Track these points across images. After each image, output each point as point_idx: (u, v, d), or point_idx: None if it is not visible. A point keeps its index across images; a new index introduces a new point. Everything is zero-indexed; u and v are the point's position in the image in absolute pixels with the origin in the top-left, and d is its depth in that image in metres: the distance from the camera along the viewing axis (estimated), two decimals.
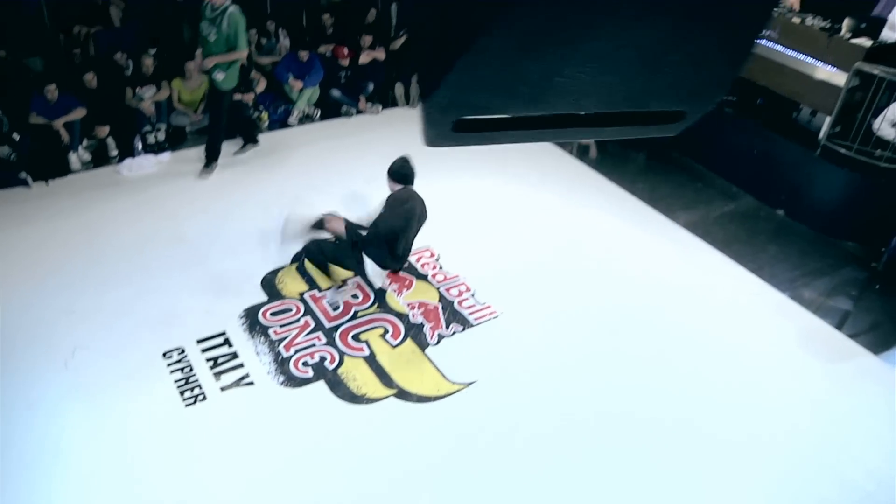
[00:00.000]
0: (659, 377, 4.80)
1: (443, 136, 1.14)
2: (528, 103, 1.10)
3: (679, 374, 4.85)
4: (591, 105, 1.16)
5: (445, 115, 1.10)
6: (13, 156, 6.25)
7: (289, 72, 7.97)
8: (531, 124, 1.20)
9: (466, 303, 5.35)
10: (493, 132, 1.20)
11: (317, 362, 4.67)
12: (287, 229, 5.22)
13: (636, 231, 6.52)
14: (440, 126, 1.12)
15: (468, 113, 1.12)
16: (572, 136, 1.28)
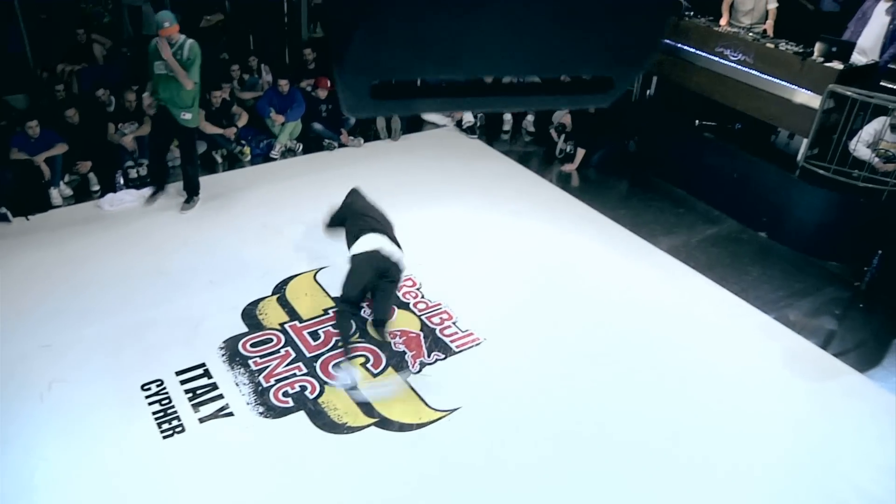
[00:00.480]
0: (645, 400, 4.77)
1: (361, 103, 1.12)
2: (442, 65, 1.07)
3: (665, 397, 4.82)
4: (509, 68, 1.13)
5: (359, 78, 1.08)
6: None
7: (270, 106, 8.02)
8: (452, 91, 1.18)
9: (448, 330, 5.33)
10: (413, 99, 1.18)
11: (297, 392, 4.61)
12: None
13: (619, 257, 6.54)
14: (357, 92, 1.10)
15: (383, 76, 1.09)
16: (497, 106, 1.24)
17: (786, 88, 6.98)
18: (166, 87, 6.20)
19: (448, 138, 9.03)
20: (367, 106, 1.13)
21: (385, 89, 1.12)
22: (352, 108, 1.15)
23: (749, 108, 7.42)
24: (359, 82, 1.08)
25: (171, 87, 6.19)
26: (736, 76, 7.44)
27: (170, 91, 6.21)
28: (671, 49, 8.14)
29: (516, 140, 9.24)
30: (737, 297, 6.06)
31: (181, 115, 6.33)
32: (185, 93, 6.22)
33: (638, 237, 6.91)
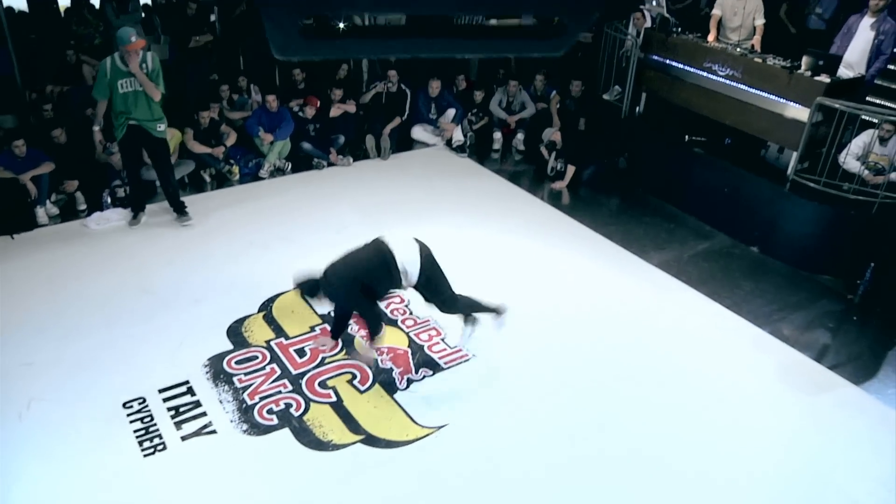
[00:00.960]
0: (637, 415, 4.69)
1: (292, 44, 1.05)
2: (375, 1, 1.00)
3: (658, 411, 4.73)
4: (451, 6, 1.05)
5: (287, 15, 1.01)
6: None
7: (259, 125, 8.01)
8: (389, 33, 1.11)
9: (437, 347, 5.25)
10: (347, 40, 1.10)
11: (282, 409, 4.53)
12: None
13: (610, 272, 6.49)
14: (286, 31, 1.03)
15: (312, 11, 1.03)
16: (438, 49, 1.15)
17: (774, 102, 6.99)
18: (135, 103, 6.17)
19: (438, 157, 9.02)
20: (296, 47, 1.05)
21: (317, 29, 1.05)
22: (281, 49, 1.08)
23: (738, 123, 7.43)
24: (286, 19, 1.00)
25: (140, 102, 6.18)
26: (724, 91, 7.46)
27: (140, 107, 6.18)
28: (659, 65, 8.18)
29: (506, 159, 9.23)
30: (729, 311, 6.00)
31: (157, 128, 6.32)
32: (154, 105, 6.23)
33: (629, 252, 6.87)
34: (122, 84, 6.11)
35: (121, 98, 6.14)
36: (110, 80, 6.09)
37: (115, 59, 6.10)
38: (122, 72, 6.09)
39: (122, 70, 6.09)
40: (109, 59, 6.12)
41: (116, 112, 6.21)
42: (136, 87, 6.13)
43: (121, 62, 6.09)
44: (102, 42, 9.02)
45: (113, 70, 6.09)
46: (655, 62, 8.24)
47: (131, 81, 6.10)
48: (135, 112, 6.19)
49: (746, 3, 7.72)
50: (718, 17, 7.94)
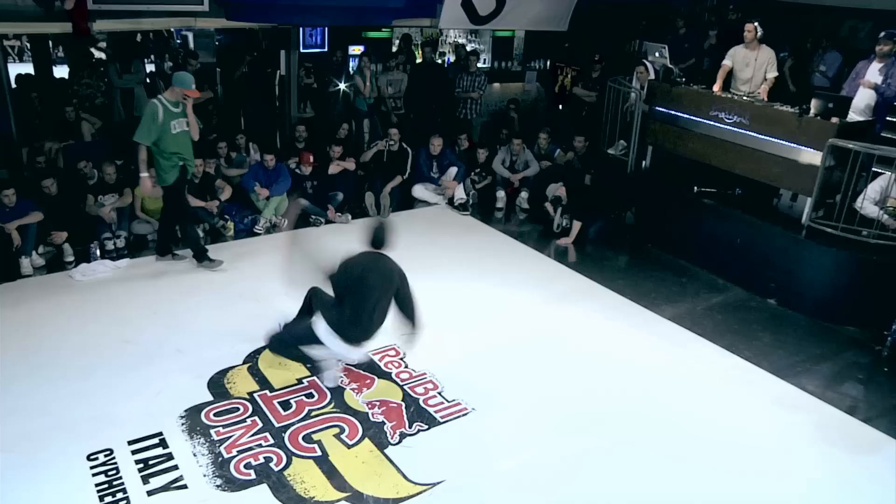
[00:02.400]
0: (654, 473, 4.26)
1: None
2: None
3: (679, 469, 4.30)
4: None
5: None
6: None
7: (255, 180, 7.84)
8: None
9: (433, 400, 4.87)
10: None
11: (261, 464, 4.13)
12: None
13: (619, 325, 6.13)
14: None
15: None
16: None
17: (785, 147, 6.78)
18: (184, 144, 6.32)
19: (439, 215, 8.80)
20: None
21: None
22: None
23: (748, 171, 7.19)
24: None
25: (186, 143, 6.33)
26: (732, 139, 7.26)
27: (187, 146, 6.35)
28: (665, 117, 8.02)
29: (510, 217, 8.98)
30: (749, 364, 5.62)
31: (193, 168, 6.56)
32: (191, 146, 6.45)
33: (639, 306, 6.52)
34: (175, 125, 6.20)
35: (173, 139, 6.21)
36: (163, 122, 6.12)
37: (164, 102, 6.17)
38: (174, 113, 6.20)
39: (173, 112, 6.20)
40: (157, 102, 6.16)
41: (168, 153, 6.24)
42: (184, 128, 6.26)
43: (171, 104, 6.19)
44: (104, 102, 9.00)
45: (165, 112, 6.15)
46: (660, 114, 8.10)
47: (182, 122, 6.23)
48: (184, 152, 6.34)
49: (759, 55, 7.53)
50: (728, 69, 7.74)
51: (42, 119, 8.40)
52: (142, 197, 7.20)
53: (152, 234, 7.24)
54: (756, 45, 7.49)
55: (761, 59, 7.54)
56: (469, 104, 10.36)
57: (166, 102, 6.19)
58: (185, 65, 8.70)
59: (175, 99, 6.24)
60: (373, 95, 9.92)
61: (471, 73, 10.31)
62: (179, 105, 6.29)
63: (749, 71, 7.64)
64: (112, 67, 8.87)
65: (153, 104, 6.18)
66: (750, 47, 7.52)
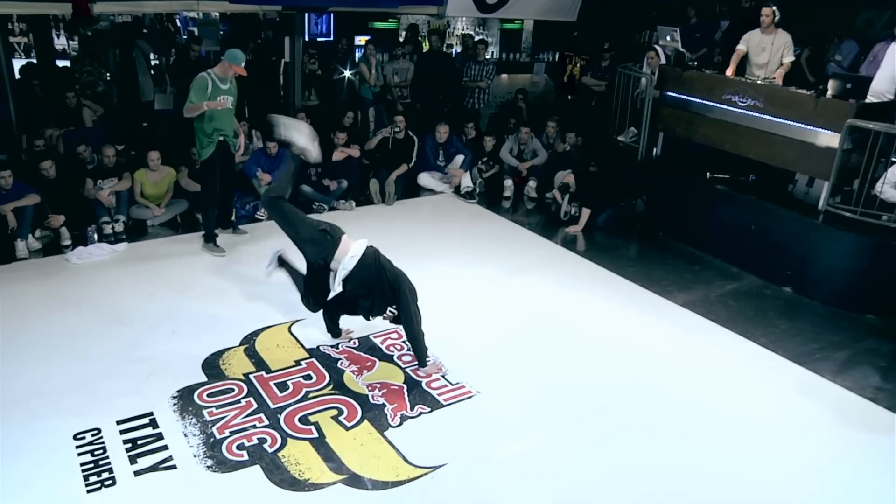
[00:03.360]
0: (667, 459, 4.05)
1: None
2: None
3: (694, 456, 4.10)
4: None
5: None
6: None
7: (257, 166, 7.68)
8: None
9: (436, 383, 4.69)
10: None
11: (254, 445, 3.95)
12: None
13: (630, 311, 5.93)
14: None
15: None
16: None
17: (801, 130, 6.57)
18: (227, 121, 6.34)
19: (445, 203, 8.64)
20: None
21: None
22: None
23: (762, 155, 6.98)
24: None
25: (229, 120, 6.37)
26: (746, 123, 7.05)
27: (228, 124, 6.37)
28: (676, 102, 7.83)
29: (518, 207, 8.79)
30: (765, 350, 5.40)
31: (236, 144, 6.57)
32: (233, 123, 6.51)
33: (650, 293, 6.32)
34: (221, 100, 6.19)
35: (217, 114, 6.22)
36: (211, 94, 6.11)
37: (213, 77, 6.16)
38: (222, 89, 6.20)
39: (221, 88, 6.19)
40: (207, 75, 6.15)
41: (211, 129, 6.25)
42: (228, 106, 6.27)
43: (219, 80, 6.18)
44: (105, 90, 8.88)
45: (213, 86, 6.14)
46: (672, 99, 7.90)
47: (227, 100, 6.24)
48: (226, 128, 6.35)
49: (775, 39, 7.29)
50: (742, 53, 7.51)
51: (43, 106, 8.27)
52: (141, 181, 7.06)
53: (152, 219, 7.10)
54: (773, 30, 7.26)
55: (778, 43, 7.30)
56: (477, 94, 10.18)
57: (215, 77, 6.16)
58: (187, 51, 8.56)
59: (223, 75, 6.20)
60: (378, 84, 9.76)
61: (479, 62, 10.14)
62: (227, 82, 6.24)
63: (765, 56, 7.40)
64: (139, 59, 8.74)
65: (203, 77, 6.13)
66: (766, 31, 7.29)
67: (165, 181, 7.14)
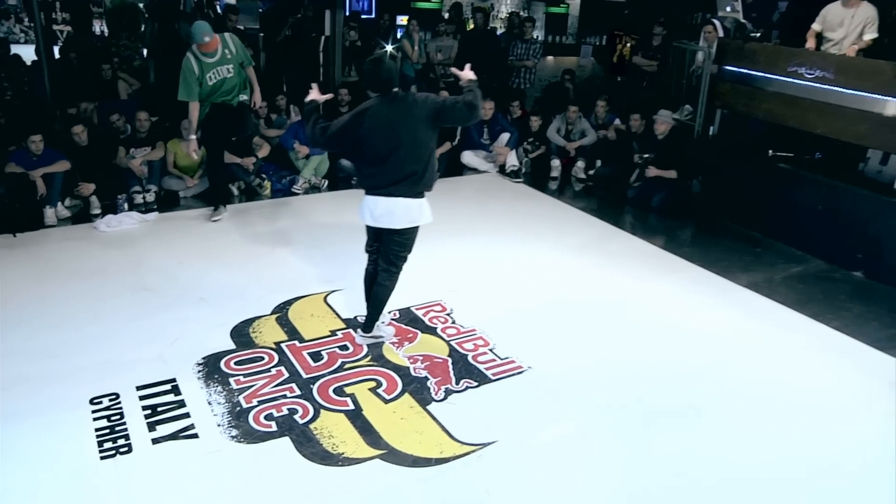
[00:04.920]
0: (727, 440, 3.64)
1: None
2: None
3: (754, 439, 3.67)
4: None
5: None
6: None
7: (295, 138, 7.40)
8: None
9: (483, 357, 4.32)
10: None
11: (284, 415, 3.63)
12: None
13: (689, 290, 5.51)
14: None
15: None
16: None
17: (875, 102, 6.03)
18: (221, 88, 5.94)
19: (490, 182, 8.26)
20: None
21: None
22: None
23: (831, 131, 6.46)
24: None
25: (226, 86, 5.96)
26: (813, 96, 6.53)
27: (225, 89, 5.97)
28: (736, 76, 7.34)
29: (565, 189, 8.36)
30: (839, 333, 4.93)
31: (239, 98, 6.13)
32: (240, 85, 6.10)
33: (710, 272, 5.87)
34: (211, 76, 5.85)
35: (209, 89, 5.88)
36: (199, 76, 5.78)
37: (196, 55, 5.77)
38: (209, 64, 5.81)
39: (209, 62, 5.80)
40: (191, 56, 5.76)
41: (205, 103, 5.94)
42: (224, 75, 5.90)
43: (205, 55, 5.79)
44: (141, 64, 8.69)
45: (200, 66, 5.77)
46: (731, 74, 7.42)
47: (221, 70, 5.88)
48: (221, 97, 5.99)
49: (857, 12, 6.58)
50: (817, 32, 6.92)
51: (79, 78, 8.09)
52: (175, 151, 6.82)
53: (184, 190, 6.86)
54: (856, 2, 6.56)
55: (859, 17, 6.57)
56: (523, 73, 9.79)
57: (200, 55, 5.77)
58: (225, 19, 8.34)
59: (207, 49, 5.77)
60: (420, 61, 9.42)
61: (525, 40, 9.74)
62: (215, 53, 5.82)
63: (842, 31, 6.73)
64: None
65: (186, 61, 5.77)
66: (848, 4, 6.65)
67: (199, 152, 6.87)
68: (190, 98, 5.79)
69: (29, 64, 8.62)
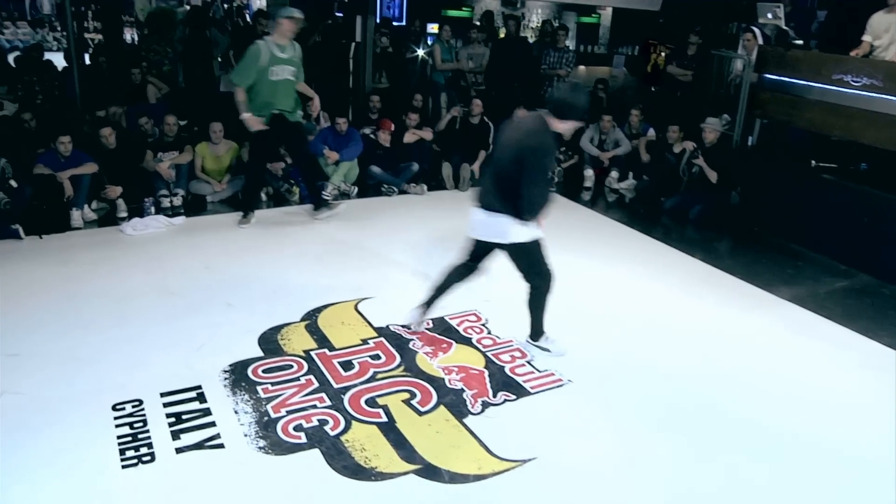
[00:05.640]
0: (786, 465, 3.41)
1: None
2: None
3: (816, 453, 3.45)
4: None
5: None
6: (7, 204, 5.55)
7: (324, 144, 7.28)
8: None
9: (521, 369, 4.13)
10: None
11: (314, 426, 3.46)
12: None
13: (733, 303, 5.27)
14: None
15: None
16: None
17: None
18: (283, 95, 5.75)
19: None
20: None
21: None
22: None
23: (879, 140, 6.21)
24: None
25: (286, 94, 5.77)
26: (859, 104, 6.30)
27: (285, 99, 5.77)
28: (777, 85, 7.12)
29: (598, 200, 8.16)
30: (892, 350, 4.67)
31: (297, 115, 5.97)
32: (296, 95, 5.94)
33: (752, 286, 5.63)
34: (276, 71, 5.60)
35: (270, 87, 5.61)
36: (265, 66, 5.54)
37: (269, 44, 5.58)
38: (280, 58, 5.61)
39: (279, 56, 5.60)
40: (262, 43, 5.57)
41: (260, 103, 5.67)
42: (286, 76, 5.69)
43: (277, 48, 5.60)
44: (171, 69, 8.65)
45: (270, 55, 5.55)
46: (772, 82, 7.20)
47: (286, 69, 5.65)
48: (281, 104, 5.76)
49: None
50: (869, 45, 6.69)
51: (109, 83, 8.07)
52: (203, 155, 6.73)
53: (212, 195, 6.75)
54: None
55: None
56: (556, 82, 9.62)
57: (273, 45, 5.57)
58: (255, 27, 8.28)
59: (282, 41, 5.60)
60: (451, 68, 9.29)
61: (558, 49, 9.57)
62: (287, 48, 5.66)
63: (887, 37, 6.54)
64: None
65: (256, 45, 5.58)
66: (892, 10, 6.43)
67: (228, 155, 6.79)
68: (241, 83, 5.58)
69: (60, 70, 8.62)
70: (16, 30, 14.80)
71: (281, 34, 5.64)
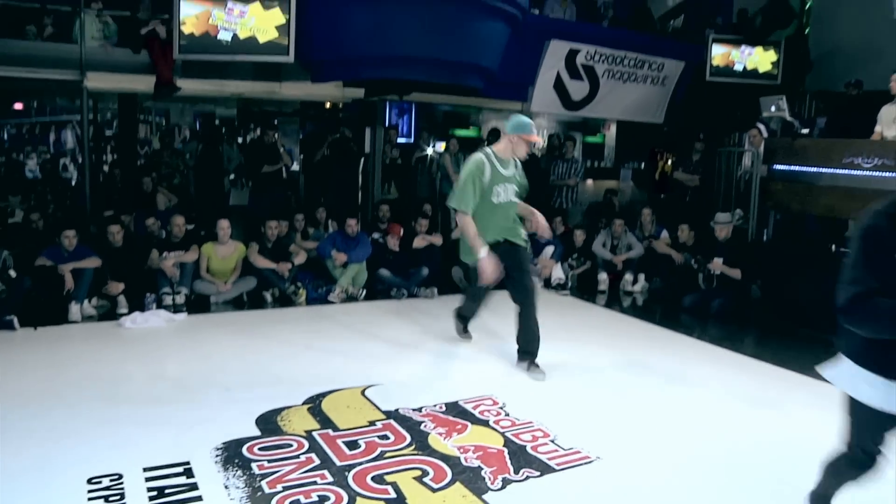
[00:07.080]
0: None
1: None
2: None
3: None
4: None
5: None
6: (3, 293, 5.40)
7: (333, 246, 7.17)
8: None
9: (544, 447, 3.74)
10: None
11: (313, 502, 3.06)
12: None
13: (770, 387, 4.94)
14: None
15: None
16: None
17: None
18: (504, 219, 4.75)
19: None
20: None
21: None
22: None
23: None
24: None
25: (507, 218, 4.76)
26: (873, 185, 6.24)
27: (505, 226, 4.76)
28: (787, 175, 7.07)
29: (613, 303, 7.90)
30: None
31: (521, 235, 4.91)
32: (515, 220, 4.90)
33: (787, 370, 5.28)
34: (500, 191, 4.63)
35: (491, 210, 4.60)
36: (488, 184, 4.57)
37: (493, 158, 4.62)
38: (503, 175, 4.63)
39: (502, 173, 4.62)
40: (483, 157, 4.59)
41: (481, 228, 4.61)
42: (510, 197, 4.71)
43: (500, 163, 4.64)
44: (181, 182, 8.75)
45: (493, 171, 4.57)
46: (782, 173, 7.18)
47: (510, 189, 4.67)
48: (504, 233, 4.77)
49: None
50: (881, 135, 6.68)
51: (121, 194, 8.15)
52: (209, 255, 6.61)
53: (216, 295, 6.56)
54: None
55: None
56: (565, 192, 9.65)
57: (495, 159, 4.61)
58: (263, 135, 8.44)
59: (506, 155, 4.65)
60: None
61: (566, 159, 9.69)
62: (510, 164, 4.71)
63: (895, 128, 6.62)
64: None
65: (479, 159, 4.58)
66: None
67: (234, 257, 6.66)
68: (463, 207, 4.55)
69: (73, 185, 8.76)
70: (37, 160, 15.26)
71: (508, 148, 4.68)
